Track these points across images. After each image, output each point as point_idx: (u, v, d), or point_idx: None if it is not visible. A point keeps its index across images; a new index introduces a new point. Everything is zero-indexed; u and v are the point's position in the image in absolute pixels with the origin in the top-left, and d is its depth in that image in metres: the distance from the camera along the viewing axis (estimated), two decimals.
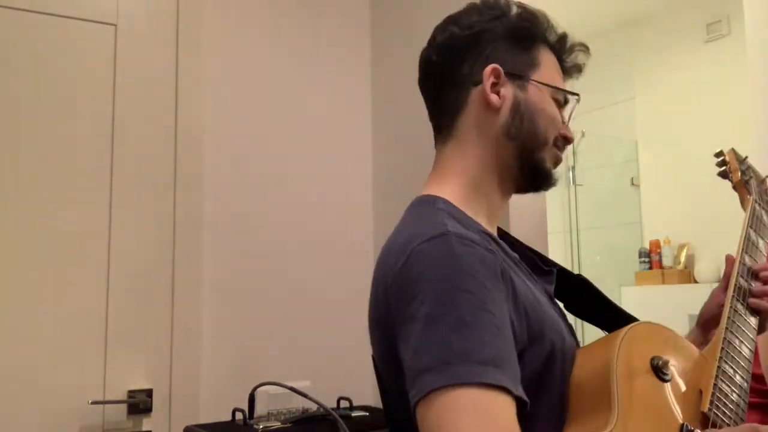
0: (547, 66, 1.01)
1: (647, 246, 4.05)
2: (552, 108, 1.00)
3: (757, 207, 1.22)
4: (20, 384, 1.80)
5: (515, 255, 0.98)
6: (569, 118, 1.03)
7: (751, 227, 1.16)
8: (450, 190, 0.97)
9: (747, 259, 1.11)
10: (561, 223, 4.21)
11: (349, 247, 2.26)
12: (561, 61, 1.05)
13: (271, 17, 2.26)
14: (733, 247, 1.70)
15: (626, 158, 4.26)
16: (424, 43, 1.14)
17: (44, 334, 1.83)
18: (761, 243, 1.16)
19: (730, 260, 1.14)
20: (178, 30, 2.08)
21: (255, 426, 1.75)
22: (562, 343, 0.91)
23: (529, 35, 1.01)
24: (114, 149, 1.97)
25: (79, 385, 1.85)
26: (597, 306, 1.09)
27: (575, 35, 1.07)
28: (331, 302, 2.19)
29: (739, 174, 1.29)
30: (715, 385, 0.92)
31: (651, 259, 4.00)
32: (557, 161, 1.02)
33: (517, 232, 1.72)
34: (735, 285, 1.07)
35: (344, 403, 1.96)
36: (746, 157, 1.32)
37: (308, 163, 2.25)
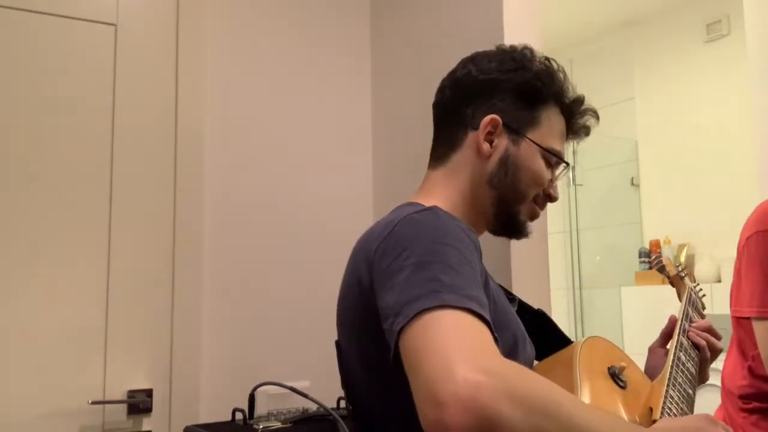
0: (548, 126, 1.06)
1: (647, 246, 4.05)
2: (539, 167, 1.05)
3: (693, 294, 1.44)
4: (20, 384, 1.80)
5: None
6: (555, 179, 1.10)
7: (689, 305, 1.37)
8: (436, 203, 1.01)
9: (684, 339, 1.25)
10: (561, 223, 4.22)
11: (349, 247, 2.24)
12: (570, 122, 1.11)
13: (271, 17, 2.26)
14: (733, 248, 1.70)
15: (626, 158, 4.26)
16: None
17: (44, 334, 1.83)
18: (696, 317, 1.35)
19: (672, 320, 1.27)
20: (178, 30, 2.08)
21: (255, 426, 1.75)
22: (524, 342, 0.96)
23: (538, 94, 1.06)
24: (114, 149, 1.97)
25: (79, 385, 1.85)
26: (554, 340, 1.12)
27: (587, 101, 1.13)
28: (331, 302, 2.18)
29: (675, 268, 1.53)
30: (664, 402, 0.97)
31: (651, 259, 3.99)
32: (533, 216, 1.09)
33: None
34: (680, 326, 1.24)
35: (344, 403, 1.96)
36: (680, 264, 1.60)
37: (308, 163, 2.25)
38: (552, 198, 1.10)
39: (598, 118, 1.14)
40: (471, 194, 1.05)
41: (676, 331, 1.22)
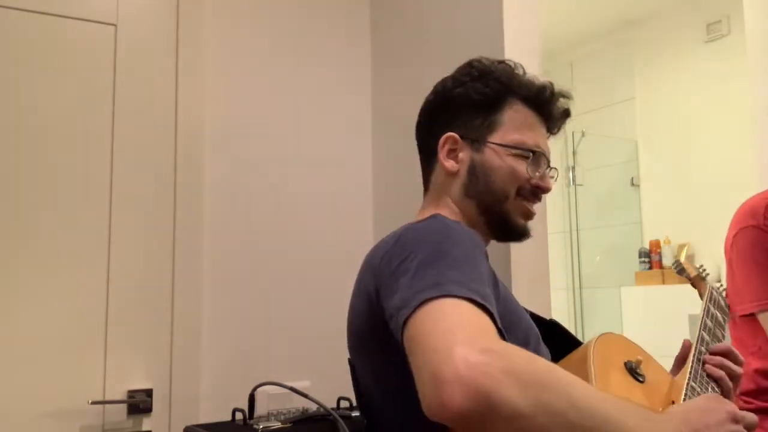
0: (512, 122, 1.08)
1: (647, 246, 4.05)
2: (509, 164, 1.06)
3: (714, 292, 1.37)
4: (20, 384, 1.80)
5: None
6: (539, 171, 1.09)
7: (710, 303, 1.31)
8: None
9: (705, 334, 1.20)
10: (561, 223, 4.22)
11: (349, 247, 2.25)
12: (542, 110, 1.11)
13: (271, 17, 2.26)
14: None
15: (626, 158, 4.26)
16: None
17: (44, 334, 1.83)
18: (719, 315, 1.31)
19: (686, 345, 1.19)
20: (178, 30, 2.08)
21: (255, 426, 1.75)
22: (537, 341, 0.96)
23: (492, 99, 1.09)
24: (114, 149, 1.97)
25: (79, 385, 1.85)
26: (570, 348, 1.11)
27: (555, 84, 1.14)
28: (331, 302, 2.19)
29: (695, 268, 1.48)
30: (685, 394, 0.96)
31: (651, 259, 4.00)
32: (527, 213, 1.10)
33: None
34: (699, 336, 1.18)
35: (344, 403, 1.96)
36: (701, 266, 1.52)
37: (308, 163, 2.25)
38: (541, 188, 1.09)
39: (569, 96, 1.14)
40: (459, 210, 1.09)
41: (699, 326, 1.19)
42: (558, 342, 1.08)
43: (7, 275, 1.82)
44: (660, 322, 3.58)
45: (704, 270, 1.49)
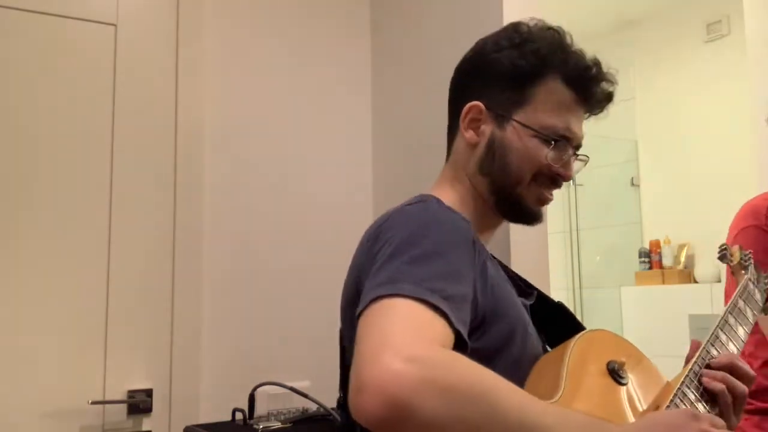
0: (544, 102, 0.99)
1: (647, 246, 4.04)
2: (529, 147, 0.99)
3: (751, 284, 1.23)
4: (20, 384, 1.80)
5: (497, 260, 1.02)
6: (563, 158, 1.00)
7: (740, 296, 1.16)
8: (446, 198, 0.99)
9: (720, 333, 1.06)
10: (561, 223, 4.21)
11: (349, 248, 2.24)
12: (582, 91, 1.02)
13: (271, 17, 2.26)
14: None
15: (626, 158, 4.26)
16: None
17: (44, 334, 1.83)
18: (749, 312, 1.16)
19: (694, 345, 1.05)
20: (178, 30, 2.08)
21: (255, 426, 1.75)
22: (524, 331, 0.93)
23: (524, 72, 1.00)
24: (114, 149, 1.97)
25: (79, 385, 1.85)
26: (570, 332, 1.04)
27: (602, 64, 1.04)
28: (331, 302, 2.18)
29: (738, 257, 1.30)
30: (672, 400, 0.87)
31: (651, 259, 4.00)
32: (542, 199, 1.03)
33: (516, 232, 1.72)
34: (713, 333, 1.03)
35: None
36: (750, 252, 1.32)
37: (308, 163, 2.25)
38: (562, 176, 1.01)
39: (614, 80, 1.05)
40: (471, 185, 1.03)
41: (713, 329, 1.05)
42: (560, 324, 1.05)
43: (7, 275, 1.82)
44: (660, 322, 3.58)
45: (749, 258, 1.32)
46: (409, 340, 0.68)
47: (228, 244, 2.09)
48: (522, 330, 0.92)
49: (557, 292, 1.10)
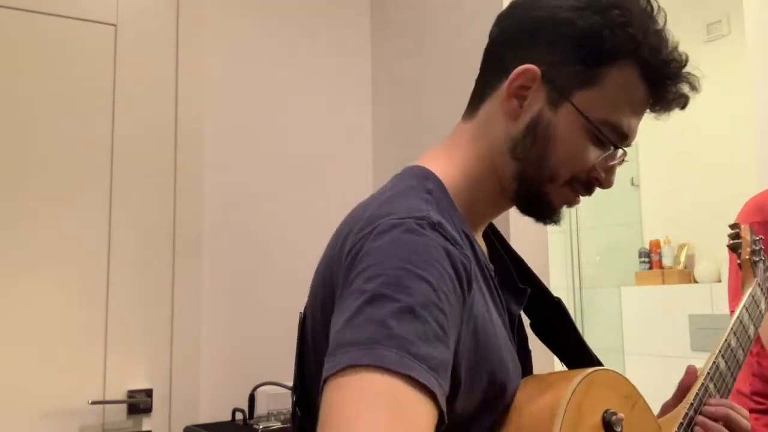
0: (613, 91, 0.81)
1: (647, 246, 4.04)
2: (578, 142, 0.81)
3: (758, 291, 1.16)
4: (20, 384, 1.80)
5: (490, 267, 0.86)
6: (607, 163, 0.84)
7: (746, 309, 1.10)
8: (450, 170, 0.84)
9: (721, 361, 1.01)
10: (561, 223, 4.21)
11: None
12: (657, 88, 0.84)
13: (271, 17, 2.26)
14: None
15: (626, 158, 4.26)
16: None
17: (44, 334, 1.83)
18: (752, 328, 1.11)
19: (691, 372, 0.98)
20: (178, 30, 2.08)
21: (255, 426, 1.75)
22: (503, 374, 0.79)
23: (605, 47, 0.79)
24: (114, 149, 1.97)
25: (79, 385, 1.85)
26: (564, 334, 0.97)
27: (687, 62, 0.85)
28: None
29: (750, 251, 1.22)
30: None
31: (651, 259, 3.99)
32: (568, 202, 0.86)
33: (517, 231, 1.72)
34: (714, 363, 0.99)
35: None
36: (760, 238, 1.26)
37: (308, 163, 2.25)
38: (601, 184, 0.85)
39: (697, 87, 0.85)
40: (491, 161, 0.84)
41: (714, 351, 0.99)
42: (556, 323, 0.97)
43: (7, 275, 1.82)
44: (660, 322, 3.58)
45: (760, 249, 1.22)
46: None
47: (228, 244, 2.09)
48: (500, 372, 0.78)
49: (557, 292, 1.05)
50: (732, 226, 1.28)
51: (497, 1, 1.80)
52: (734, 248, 1.25)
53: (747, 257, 1.21)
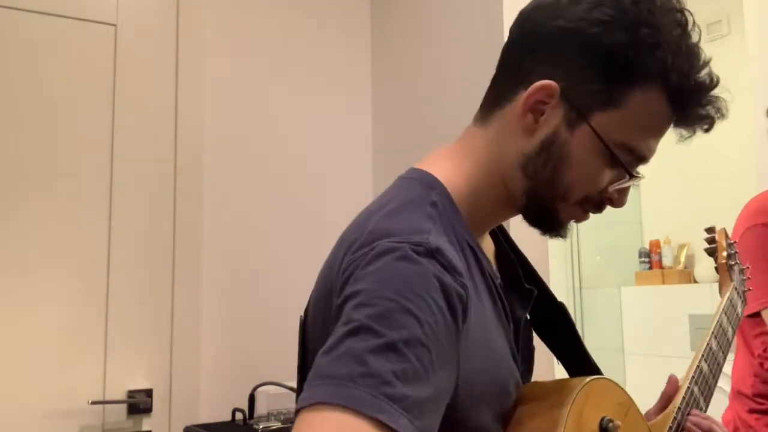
0: (635, 114, 0.77)
1: (647, 246, 4.04)
2: (594, 165, 0.79)
3: (735, 294, 1.19)
4: (20, 384, 1.80)
5: (496, 276, 0.85)
6: (618, 185, 0.82)
7: (725, 313, 1.13)
8: (456, 177, 0.82)
9: (704, 364, 1.04)
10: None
11: None
12: (681, 111, 0.81)
13: (272, 17, 2.26)
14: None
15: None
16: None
17: (44, 335, 1.84)
18: (730, 331, 1.13)
19: (673, 380, 1.00)
20: (178, 30, 2.08)
21: (255, 426, 1.75)
22: (494, 397, 0.78)
23: (628, 67, 0.76)
24: (114, 149, 1.98)
25: (78, 385, 1.85)
26: (565, 339, 0.98)
27: (718, 84, 0.82)
28: None
29: (726, 255, 1.25)
30: None
31: (651, 259, 4.00)
32: (577, 219, 0.85)
33: (517, 231, 1.72)
34: (697, 367, 1.02)
35: None
36: (734, 242, 1.31)
37: (308, 164, 2.25)
38: (613, 204, 0.84)
39: (723, 113, 0.83)
40: (501, 173, 0.82)
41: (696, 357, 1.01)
42: (558, 326, 0.97)
43: (7, 275, 1.82)
44: (660, 322, 3.58)
45: (734, 253, 1.24)
46: None
47: (228, 244, 2.09)
48: (492, 397, 0.77)
49: (557, 292, 1.05)
50: (708, 230, 1.31)
51: (497, 4, 1.81)
52: (711, 253, 1.27)
53: (723, 261, 1.24)
